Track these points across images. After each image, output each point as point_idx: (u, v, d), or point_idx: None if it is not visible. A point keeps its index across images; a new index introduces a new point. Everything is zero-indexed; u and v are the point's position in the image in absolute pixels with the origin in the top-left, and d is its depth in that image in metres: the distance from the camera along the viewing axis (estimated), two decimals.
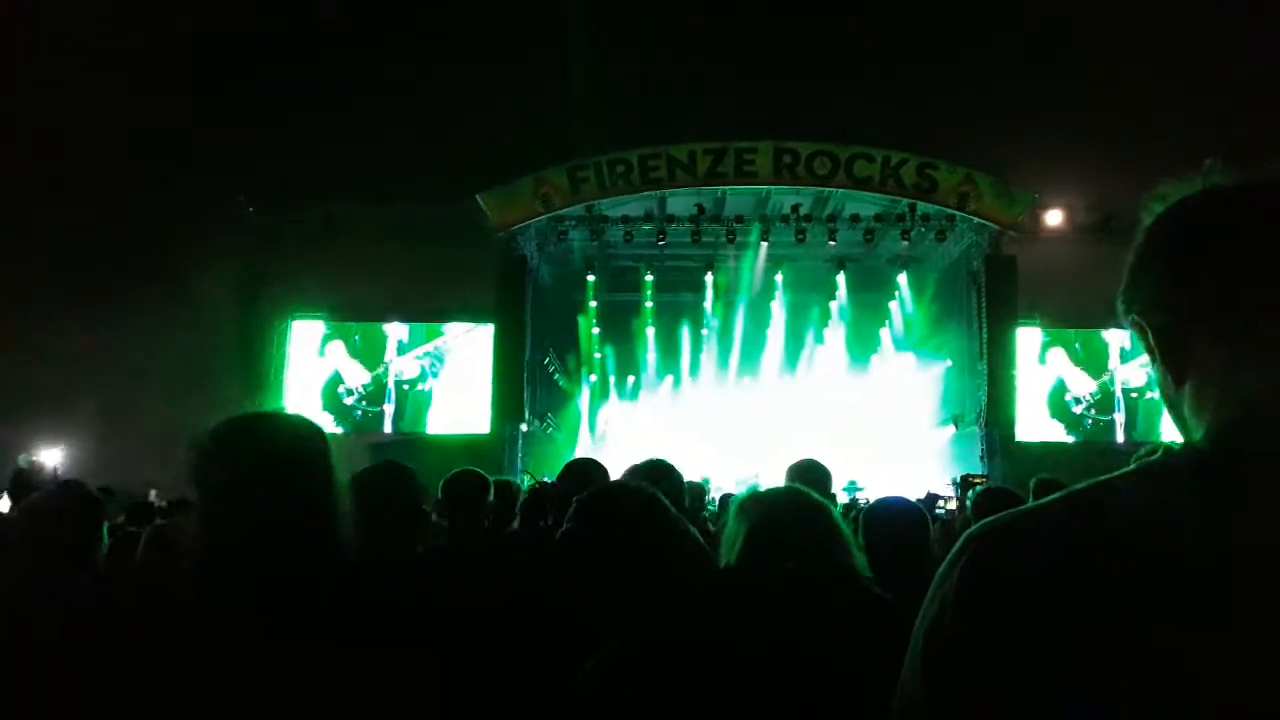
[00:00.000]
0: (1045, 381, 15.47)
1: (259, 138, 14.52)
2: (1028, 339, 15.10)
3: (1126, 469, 0.85)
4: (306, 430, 1.51)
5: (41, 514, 2.67)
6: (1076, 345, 15.63)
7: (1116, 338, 15.16)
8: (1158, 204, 0.88)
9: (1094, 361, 15.59)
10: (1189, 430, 0.85)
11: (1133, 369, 15.17)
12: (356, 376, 15.79)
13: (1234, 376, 0.80)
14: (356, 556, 1.51)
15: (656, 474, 2.66)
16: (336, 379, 15.82)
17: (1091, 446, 14.55)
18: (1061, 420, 15.42)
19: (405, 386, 15.82)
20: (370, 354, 15.92)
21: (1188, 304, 0.83)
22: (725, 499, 3.23)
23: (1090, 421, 15.39)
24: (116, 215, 14.42)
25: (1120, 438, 15.10)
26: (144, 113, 14.42)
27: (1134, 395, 15.32)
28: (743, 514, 2.06)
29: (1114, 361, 15.44)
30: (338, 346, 15.98)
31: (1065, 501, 0.84)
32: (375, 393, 15.78)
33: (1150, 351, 0.88)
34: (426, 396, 15.78)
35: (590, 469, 2.86)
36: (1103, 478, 0.84)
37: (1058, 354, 15.65)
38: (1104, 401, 15.46)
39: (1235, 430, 0.80)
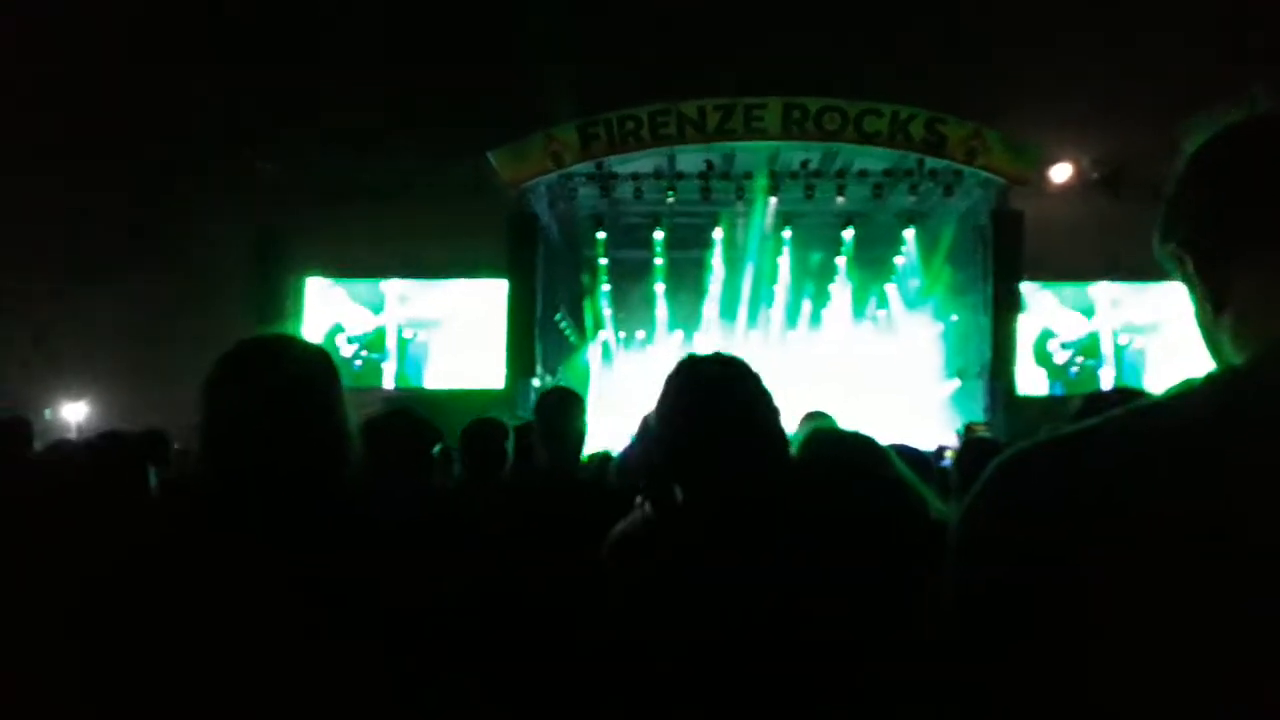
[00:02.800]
0: (1030, 330, 15.58)
1: (270, 95, 14.61)
2: (1033, 292, 15.18)
3: (1153, 396, 0.84)
4: (314, 356, 1.51)
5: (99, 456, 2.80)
6: (1067, 291, 15.71)
7: (1108, 290, 15.24)
8: (1199, 132, 0.87)
9: (1083, 309, 15.69)
10: (1226, 361, 0.84)
11: (1122, 318, 15.30)
12: (359, 324, 15.98)
13: (1274, 307, 0.80)
14: (363, 489, 1.59)
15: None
16: (337, 329, 16.05)
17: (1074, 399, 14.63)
18: (1044, 367, 15.55)
19: (409, 339, 16.01)
20: (374, 305, 16.13)
21: (1232, 231, 0.83)
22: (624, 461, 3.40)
23: (1075, 370, 15.50)
24: (128, 177, 14.56)
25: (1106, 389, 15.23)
26: (155, 71, 14.49)
27: (1122, 345, 15.43)
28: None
29: (1104, 312, 15.54)
30: (339, 293, 16.17)
31: (1096, 427, 0.82)
32: (376, 342, 15.98)
33: (1189, 281, 0.87)
34: (424, 350, 15.98)
35: (566, 399, 3.00)
36: (1134, 403, 0.83)
37: (1047, 298, 15.70)
38: (1090, 348, 15.60)
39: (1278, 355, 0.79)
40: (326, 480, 1.43)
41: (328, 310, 16.11)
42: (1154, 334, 14.92)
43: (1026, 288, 15.03)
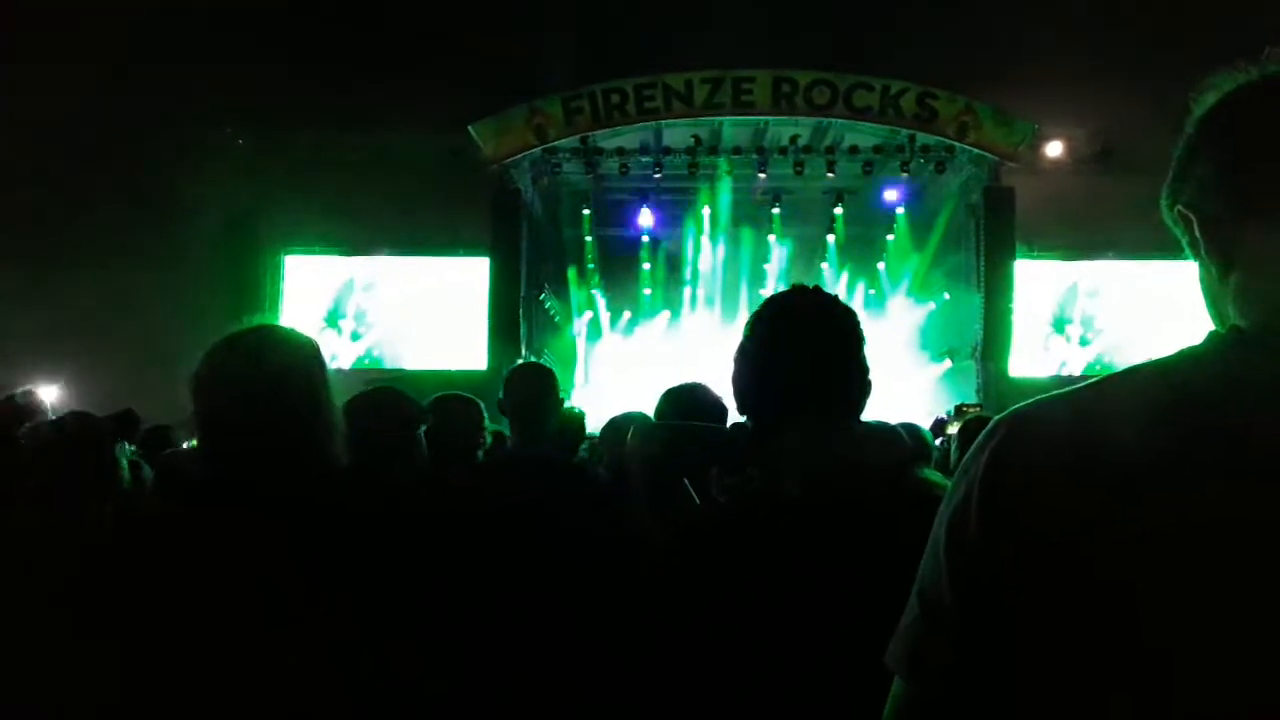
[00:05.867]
0: (1045, 308, 15.48)
1: (246, 68, 14.23)
2: (1027, 271, 15.00)
3: (1157, 359, 0.83)
4: (300, 346, 1.55)
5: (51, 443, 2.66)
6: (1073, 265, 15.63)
7: (1081, 270, 15.12)
8: (1210, 94, 0.86)
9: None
10: (1230, 324, 0.84)
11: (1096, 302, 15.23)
12: (337, 302, 15.69)
13: None
14: (349, 471, 1.54)
15: (694, 398, 2.60)
16: (335, 311, 15.75)
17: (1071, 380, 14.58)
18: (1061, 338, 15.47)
19: (389, 318, 15.73)
20: (352, 282, 15.84)
21: (1241, 193, 0.82)
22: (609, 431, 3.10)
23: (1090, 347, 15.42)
24: (102, 149, 14.21)
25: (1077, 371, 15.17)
26: (130, 41, 14.09)
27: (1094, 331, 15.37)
28: None
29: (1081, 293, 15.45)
30: (318, 270, 15.87)
31: (1094, 385, 0.83)
32: (354, 320, 15.73)
33: (1194, 244, 0.86)
34: (405, 330, 15.71)
35: (536, 372, 2.78)
36: (1136, 363, 0.84)
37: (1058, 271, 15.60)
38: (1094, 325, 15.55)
39: None
40: (313, 468, 1.46)
41: (306, 288, 15.79)
42: (1148, 311, 14.72)
43: (1026, 265, 14.87)
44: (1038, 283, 15.31)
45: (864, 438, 1.52)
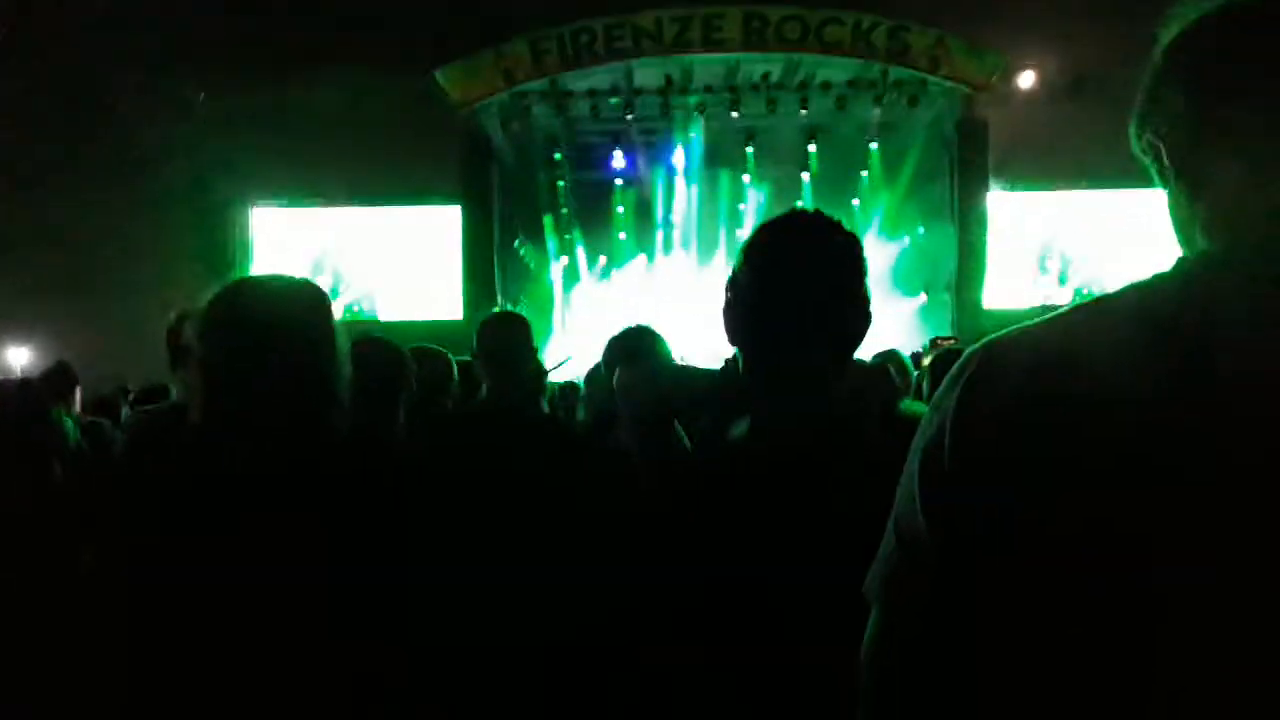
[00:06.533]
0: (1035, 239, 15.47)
1: (206, 18, 13.85)
2: (1001, 203, 15.00)
3: (1128, 285, 0.83)
4: (309, 295, 1.49)
5: None
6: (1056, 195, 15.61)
7: (1058, 200, 15.13)
8: (1175, 23, 0.86)
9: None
10: (1199, 249, 0.85)
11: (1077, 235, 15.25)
12: (307, 254, 15.43)
13: (1253, 191, 0.79)
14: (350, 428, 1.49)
15: (638, 341, 2.60)
16: (316, 268, 15.54)
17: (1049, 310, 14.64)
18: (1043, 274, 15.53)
19: (360, 269, 15.55)
20: (322, 233, 15.59)
21: (1207, 120, 0.82)
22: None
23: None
24: (61, 107, 13.85)
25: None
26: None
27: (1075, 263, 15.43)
28: None
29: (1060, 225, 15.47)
30: (287, 222, 15.61)
31: (1066, 315, 0.83)
32: (324, 271, 15.54)
33: (1162, 173, 0.87)
34: (377, 280, 15.53)
35: (509, 320, 2.76)
36: (1108, 291, 0.84)
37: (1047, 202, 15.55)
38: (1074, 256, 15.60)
39: (1254, 238, 0.79)
40: (315, 429, 1.41)
41: (280, 241, 15.54)
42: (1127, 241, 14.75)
43: (1000, 196, 14.85)
44: (1017, 216, 15.31)
45: (858, 377, 1.45)
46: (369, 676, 1.32)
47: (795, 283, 1.37)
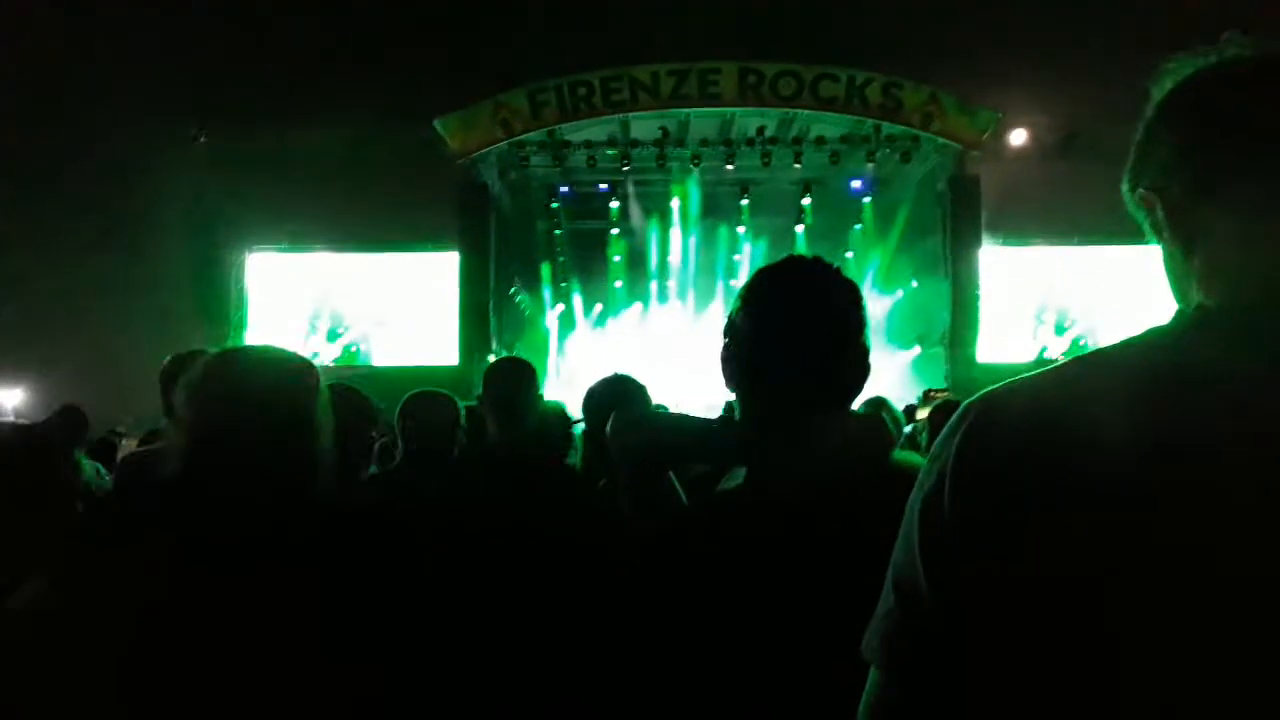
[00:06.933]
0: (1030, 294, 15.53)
1: (207, 64, 14.03)
2: (993, 258, 15.12)
3: (1126, 339, 0.83)
4: (296, 368, 1.48)
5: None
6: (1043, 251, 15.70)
7: (1051, 255, 15.23)
8: (1168, 78, 0.86)
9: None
10: (1195, 303, 0.84)
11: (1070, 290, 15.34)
12: (304, 301, 15.48)
13: (1249, 246, 0.79)
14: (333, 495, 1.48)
15: (620, 391, 2.60)
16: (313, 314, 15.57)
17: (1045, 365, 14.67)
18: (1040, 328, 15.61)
19: (357, 315, 15.56)
20: (318, 279, 15.62)
21: (1201, 174, 0.82)
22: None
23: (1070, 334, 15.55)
24: (64, 148, 13.96)
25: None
26: (84, 38, 13.85)
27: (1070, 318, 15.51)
28: None
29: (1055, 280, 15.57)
30: (283, 268, 15.63)
31: (1061, 368, 0.83)
32: (322, 318, 15.55)
33: (1156, 227, 0.86)
34: (373, 327, 15.54)
35: (517, 366, 2.72)
36: (1103, 345, 0.83)
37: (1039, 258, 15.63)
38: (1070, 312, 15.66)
39: (1251, 294, 0.79)
40: (302, 495, 1.42)
41: (277, 286, 15.57)
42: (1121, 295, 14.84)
43: (993, 251, 14.96)
44: (1011, 271, 15.43)
45: (854, 429, 1.40)
46: None
47: (795, 332, 1.34)
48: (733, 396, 1.46)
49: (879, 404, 3.78)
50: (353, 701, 1.30)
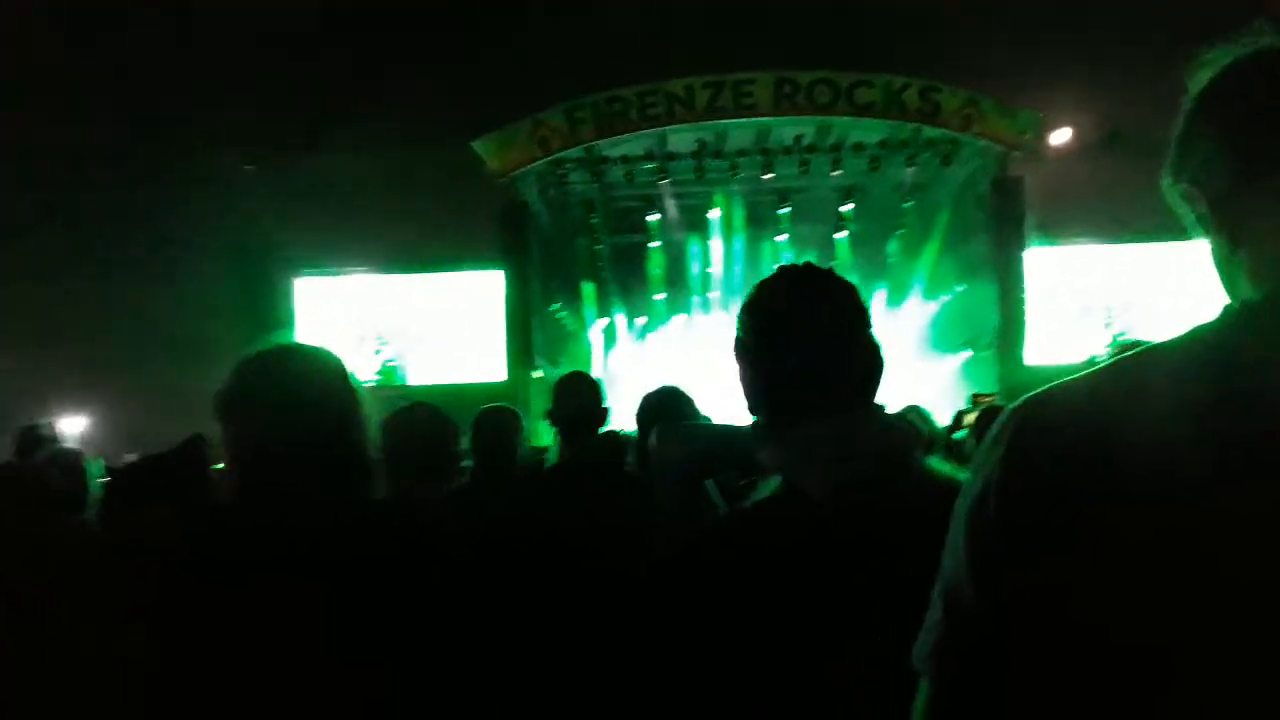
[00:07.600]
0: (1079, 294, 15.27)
1: (250, 92, 14.34)
2: (1040, 259, 14.88)
3: (1169, 338, 0.81)
4: (328, 366, 1.47)
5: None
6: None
7: (1100, 254, 14.96)
8: (1205, 70, 0.86)
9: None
10: (1243, 298, 0.83)
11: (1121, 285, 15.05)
12: (352, 322, 15.69)
13: None
14: (385, 500, 1.48)
15: (669, 402, 2.61)
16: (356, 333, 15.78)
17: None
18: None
19: (403, 335, 15.73)
20: (366, 301, 15.85)
21: (1244, 166, 0.81)
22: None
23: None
24: (112, 180, 14.34)
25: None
26: (134, 66, 14.23)
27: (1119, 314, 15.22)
28: None
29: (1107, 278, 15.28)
30: (332, 291, 15.87)
31: (1107, 369, 0.82)
32: (371, 338, 15.75)
33: (1201, 220, 0.86)
34: (419, 345, 15.69)
35: (581, 383, 2.78)
36: (1149, 344, 0.82)
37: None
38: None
39: None
40: (348, 500, 1.39)
41: (322, 310, 15.81)
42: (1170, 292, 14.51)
43: (1041, 252, 14.73)
44: (1059, 271, 15.18)
45: (881, 431, 1.38)
46: None
47: (796, 346, 1.36)
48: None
49: (910, 410, 3.76)
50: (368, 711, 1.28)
